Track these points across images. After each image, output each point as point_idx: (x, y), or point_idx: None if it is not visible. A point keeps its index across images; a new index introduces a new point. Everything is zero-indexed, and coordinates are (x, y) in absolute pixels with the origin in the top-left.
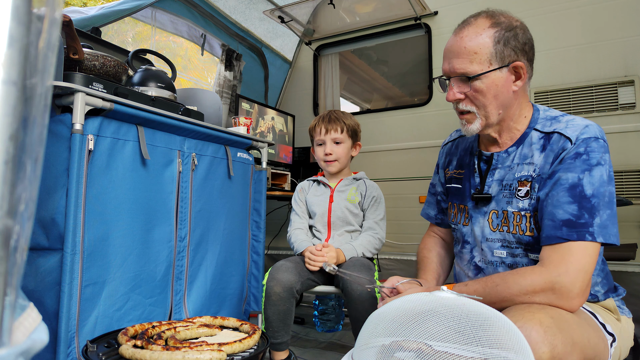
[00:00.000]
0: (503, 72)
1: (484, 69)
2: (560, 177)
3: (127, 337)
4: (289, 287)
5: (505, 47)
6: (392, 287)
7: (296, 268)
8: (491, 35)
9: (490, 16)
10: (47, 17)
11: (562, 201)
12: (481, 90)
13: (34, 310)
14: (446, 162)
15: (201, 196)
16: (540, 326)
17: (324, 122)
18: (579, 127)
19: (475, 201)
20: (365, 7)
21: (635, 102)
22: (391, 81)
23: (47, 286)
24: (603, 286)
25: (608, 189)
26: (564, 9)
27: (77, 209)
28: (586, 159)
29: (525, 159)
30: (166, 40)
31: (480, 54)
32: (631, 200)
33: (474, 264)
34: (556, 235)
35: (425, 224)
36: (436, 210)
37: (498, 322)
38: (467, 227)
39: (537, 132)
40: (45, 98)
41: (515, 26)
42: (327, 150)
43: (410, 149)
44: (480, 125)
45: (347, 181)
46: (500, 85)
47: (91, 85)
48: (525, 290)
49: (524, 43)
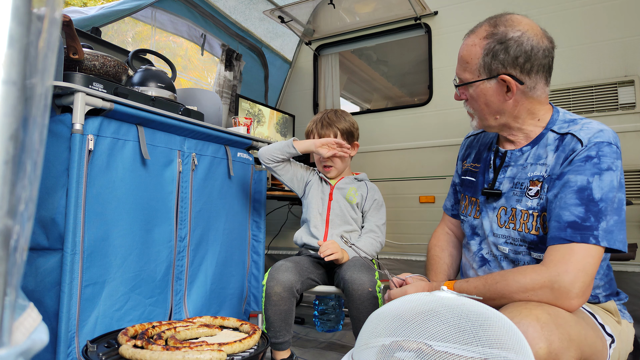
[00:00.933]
0: (492, 83)
1: (474, 78)
2: (569, 179)
3: (127, 337)
4: (289, 287)
5: (493, 59)
6: (402, 279)
7: (296, 268)
8: (482, 47)
9: (492, 25)
10: (47, 17)
11: (570, 203)
12: (472, 97)
13: (34, 310)
14: (465, 154)
15: (201, 196)
16: (537, 322)
17: (317, 128)
18: (593, 130)
19: (485, 196)
20: (365, 7)
21: (635, 102)
22: (391, 81)
23: (47, 286)
24: (605, 289)
25: (618, 195)
26: (564, 9)
27: (77, 209)
28: (597, 163)
29: (539, 159)
30: (166, 40)
31: (471, 63)
32: (631, 200)
33: (480, 255)
34: (560, 236)
35: (425, 224)
36: (453, 201)
37: (498, 322)
38: (477, 219)
39: (553, 134)
40: (45, 98)
41: (510, 38)
42: (322, 156)
43: (410, 149)
44: (477, 125)
45: (348, 180)
46: (490, 95)
47: (91, 85)
48: (525, 287)
49: (515, 56)
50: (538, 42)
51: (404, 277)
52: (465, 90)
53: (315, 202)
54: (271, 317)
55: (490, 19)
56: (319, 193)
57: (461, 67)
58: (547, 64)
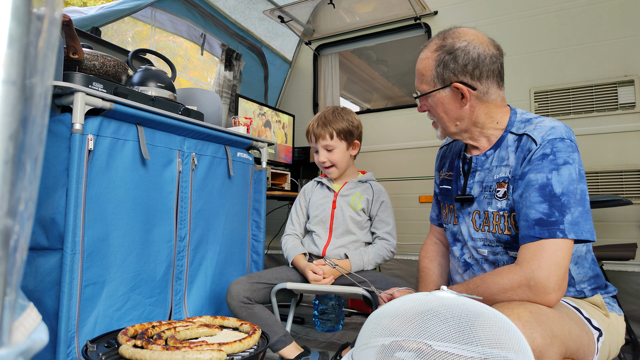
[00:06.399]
0: (446, 91)
1: (430, 88)
2: (531, 179)
3: (127, 337)
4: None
5: (444, 69)
6: (390, 293)
7: (249, 279)
8: (434, 59)
9: (441, 39)
10: (47, 16)
11: (534, 201)
12: (431, 106)
13: (33, 310)
14: (441, 164)
15: (201, 196)
16: (519, 320)
17: (314, 128)
18: (545, 128)
19: (460, 202)
20: (365, 7)
21: (635, 102)
22: (391, 81)
23: (47, 286)
24: (590, 284)
25: (579, 187)
26: (564, 9)
27: (77, 209)
28: (553, 159)
29: (503, 161)
30: (166, 40)
31: (426, 75)
32: (631, 200)
33: (463, 260)
34: (529, 234)
35: (424, 224)
36: (437, 211)
37: (498, 322)
38: (456, 226)
39: (512, 135)
40: (45, 98)
41: (457, 48)
42: (321, 158)
43: (410, 149)
44: (441, 133)
45: (352, 184)
46: (447, 103)
47: (91, 85)
48: (504, 288)
49: (464, 64)
50: (484, 50)
51: (391, 292)
52: (425, 101)
53: (317, 211)
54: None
55: (439, 34)
56: (320, 200)
57: (418, 80)
58: (497, 69)
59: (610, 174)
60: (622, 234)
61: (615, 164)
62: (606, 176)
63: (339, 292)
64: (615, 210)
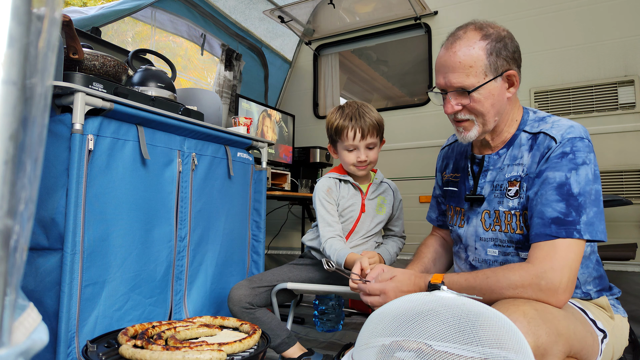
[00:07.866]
0: (498, 82)
1: (481, 81)
2: (548, 176)
3: (127, 337)
4: (237, 301)
5: (497, 57)
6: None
7: (249, 283)
8: (483, 48)
9: (479, 28)
10: (47, 17)
11: (551, 199)
12: (479, 101)
13: (34, 310)
14: (443, 165)
15: (201, 196)
16: (524, 317)
17: (358, 124)
18: (564, 127)
19: (469, 202)
20: (365, 7)
21: (635, 102)
22: (391, 81)
23: (47, 286)
24: (596, 285)
25: (594, 187)
26: (564, 9)
27: (77, 209)
28: (572, 158)
29: (515, 160)
30: (166, 40)
31: (475, 67)
32: (631, 200)
33: (469, 262)
34: (545, 232)
35: (424, 224)
36: (437, 212)
37: (498, 322)
38: (462, 228)
39: (525, 134)
40: (45, 98)
41: (504, 36)
42: (361, 157)
43: (410, 149)
44: (478, 132)
45: (374, 187)
46: (497, 94)
47: (91, 85)
48: (514, 284)
49: (513, 51)
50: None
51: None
52: (465, 97)
53: (345, 211)
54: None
55: (467, 25)
56: (349, 201)
57: (462, 74)
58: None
59: (610, 174)
60: (622, 234)
61: (615, 164)
62: (606, 176)
63: (339, 292)
64: (615, 210)
